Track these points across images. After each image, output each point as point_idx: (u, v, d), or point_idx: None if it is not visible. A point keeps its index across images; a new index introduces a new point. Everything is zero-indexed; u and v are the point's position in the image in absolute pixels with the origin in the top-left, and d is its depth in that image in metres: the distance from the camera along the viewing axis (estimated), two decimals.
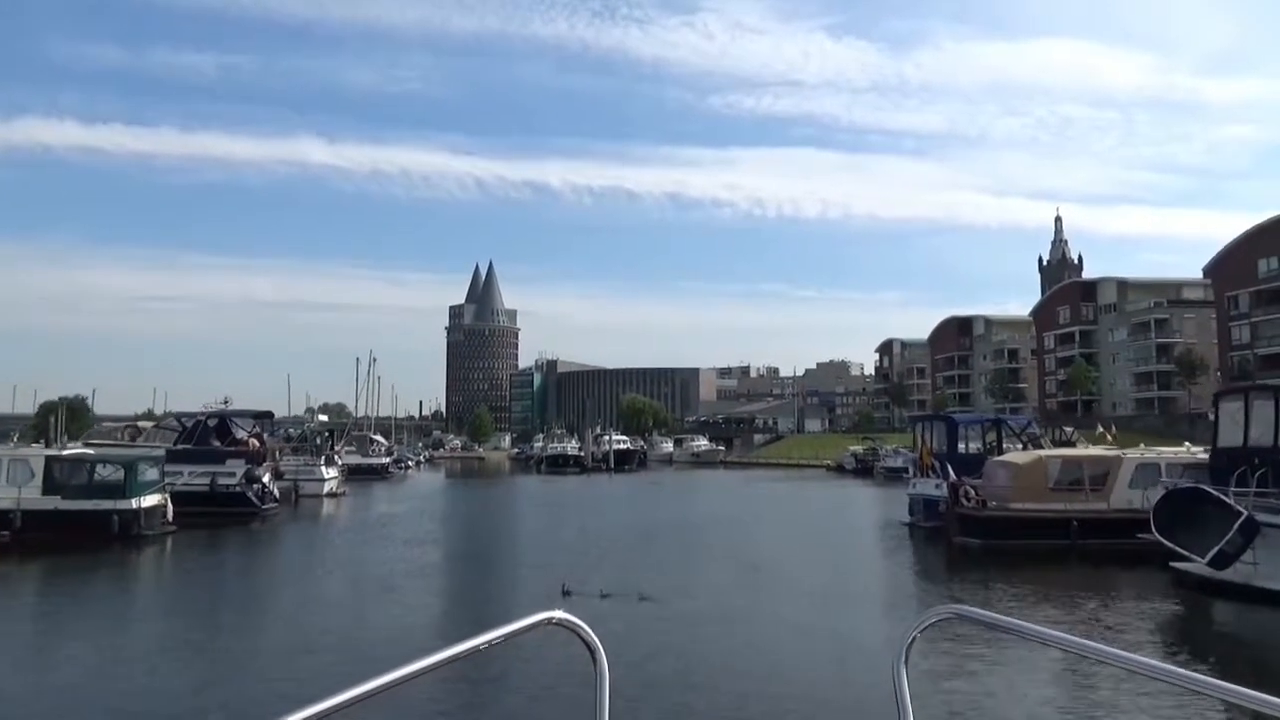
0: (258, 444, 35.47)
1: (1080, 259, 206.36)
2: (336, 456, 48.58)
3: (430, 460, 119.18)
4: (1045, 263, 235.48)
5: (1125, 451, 24.33)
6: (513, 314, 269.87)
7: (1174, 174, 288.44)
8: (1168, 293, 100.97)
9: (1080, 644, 1.88)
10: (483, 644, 1.82)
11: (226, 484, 33.41)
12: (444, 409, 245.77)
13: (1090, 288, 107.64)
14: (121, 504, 25.59)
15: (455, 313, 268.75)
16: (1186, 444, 26.14)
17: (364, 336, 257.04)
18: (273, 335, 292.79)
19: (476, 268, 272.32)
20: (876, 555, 24.21)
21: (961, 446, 29.45)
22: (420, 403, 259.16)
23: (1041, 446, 28.02)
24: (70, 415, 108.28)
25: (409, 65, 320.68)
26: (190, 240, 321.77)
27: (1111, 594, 18.14)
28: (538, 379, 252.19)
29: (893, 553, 24.81)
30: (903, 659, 2.10)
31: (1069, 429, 50.44)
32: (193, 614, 15.79)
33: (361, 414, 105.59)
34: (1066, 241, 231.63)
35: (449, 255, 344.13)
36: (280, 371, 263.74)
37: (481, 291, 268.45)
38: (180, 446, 34.60)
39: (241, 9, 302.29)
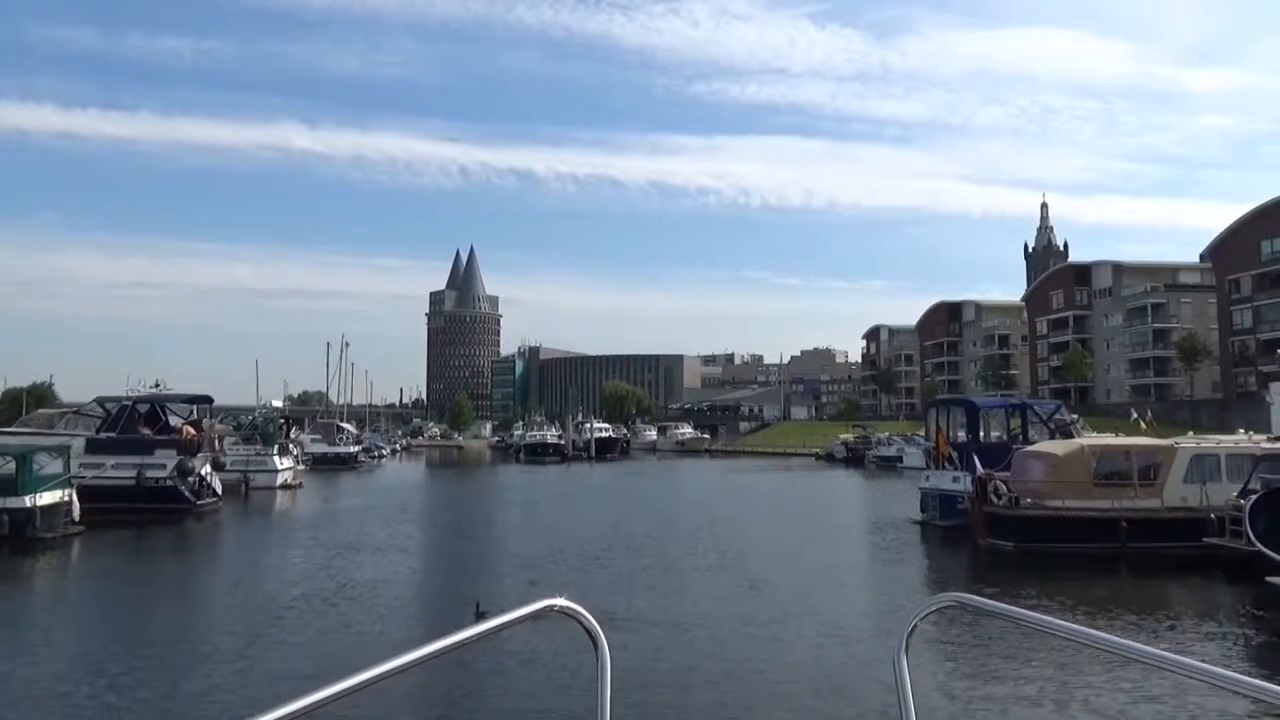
0: (193, 431, 31.70)
1: (1066, 245, 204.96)
2: (291, 445, 44.88)
3: (408, 449, 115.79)
4: (1031, 249, 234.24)
5: (1178, 440, 21.12)
6: (494, 300, 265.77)
7: (1153, 163, 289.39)
8: (1164, 277, 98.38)
9: (1080, 631, 1.83)
10: (486, 631, 1.82)
11: (155, 476, 29.74)
12: (425, 397, 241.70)
13: (1084, 272, 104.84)
14: (13, 501, 21.95)
15: (436, 299, 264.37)
16: (1244, 430, 23.04)
17: (346, 323, 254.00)
18: (253, 322, 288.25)
19: (457, 253, 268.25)
20: (890, 562, 20.84)
21: (981, 434, 26.17)
22: (401, 390, 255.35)
23: (1072, 435, 24.80)
24: (36, 402, 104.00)
25: (392, 51, 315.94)
26: (169, 226, 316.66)
27: (1194, 614, 14.94)
28: (520, 366, 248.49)
29: (908, 558, 21.48)
30: (903, 647, 2.09)
31: (1073, 415, 47.41)
32: (49, 647, 12.28)
33: (342, 401, 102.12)
34: (1052, 228, 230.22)
35: (433, 242, 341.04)
36: (259, 358, 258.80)
37: (463, 277, 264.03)
38: (103, 435, 30.80)
39: None
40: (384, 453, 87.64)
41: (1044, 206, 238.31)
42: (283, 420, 45.82)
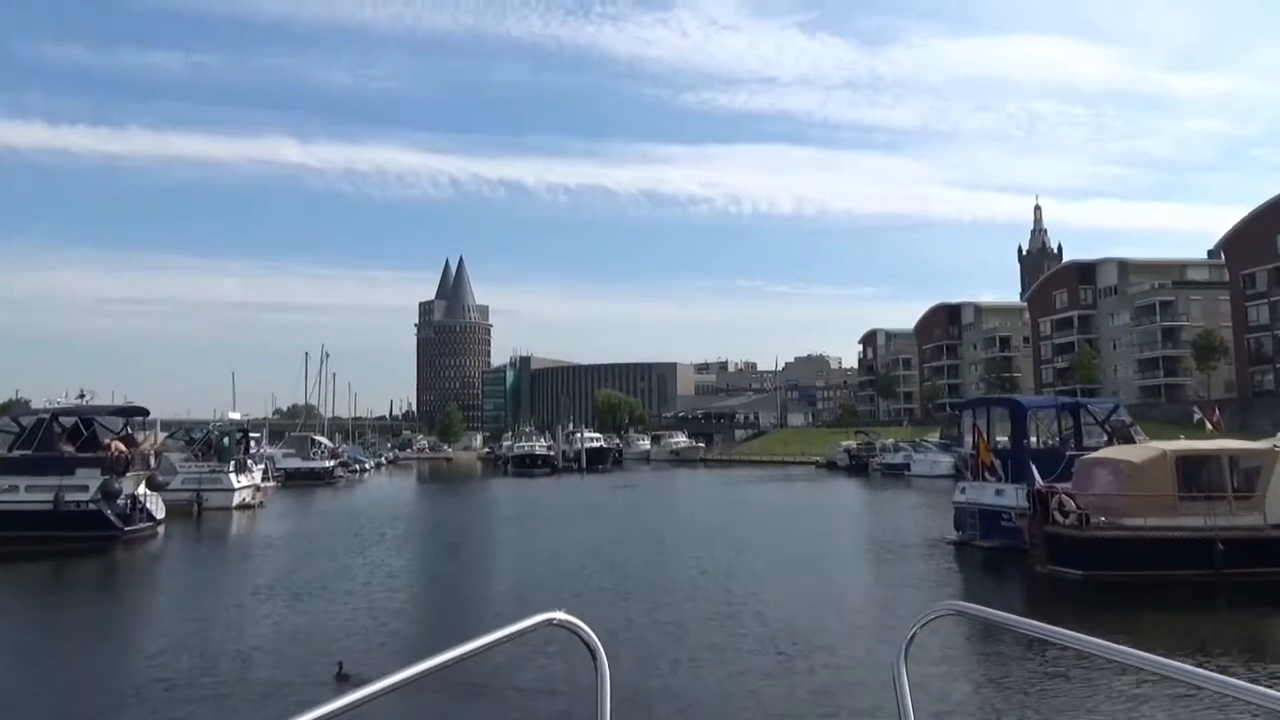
0: (123, 447, 27.91)
1: (1060, 248, 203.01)
2: (252, 461, 41.09)
3: (395, 461, 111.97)
4: (1025, 252, 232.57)
5: (1276, 442, 17.62)
6: (484, 310, 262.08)
7: (1143, 168, 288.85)
8: (1171, 274, 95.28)
9: (1082, 639, 1.83)
10: (484, 646, 1.81)
11: (76, 500, 26.02)
12: (415, 408, 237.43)
13: (1089, 270, 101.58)
14: None
15: (425, 309, 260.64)
16: None
17: (337, 336, 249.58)
18: (242, 336, 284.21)
19: (446, 263, 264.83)
20: (932, 596, 17.16)
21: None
22: (391, 402, 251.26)
23: (1131, 439, 21.24)
24: None
25: (382, 63, 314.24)
26: (159, 241, 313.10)
27: None
28: (511, 376, 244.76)
29: (951, 590, 17.75)
30: (903, 656, 2.09)
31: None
32: None
33: (331, 414, 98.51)
34: (1046, 230, 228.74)
35: (425, 254, 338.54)
36: (249, 373, 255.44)
37: (452, 287, 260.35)
38: (16, 453, 27.01)
39: (209, 7, 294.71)
40: (366, 467, 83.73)
41: (1037, 209, 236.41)
42: (240, 434, 41.99)
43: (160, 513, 30.23)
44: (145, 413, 30.28)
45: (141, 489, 28.71)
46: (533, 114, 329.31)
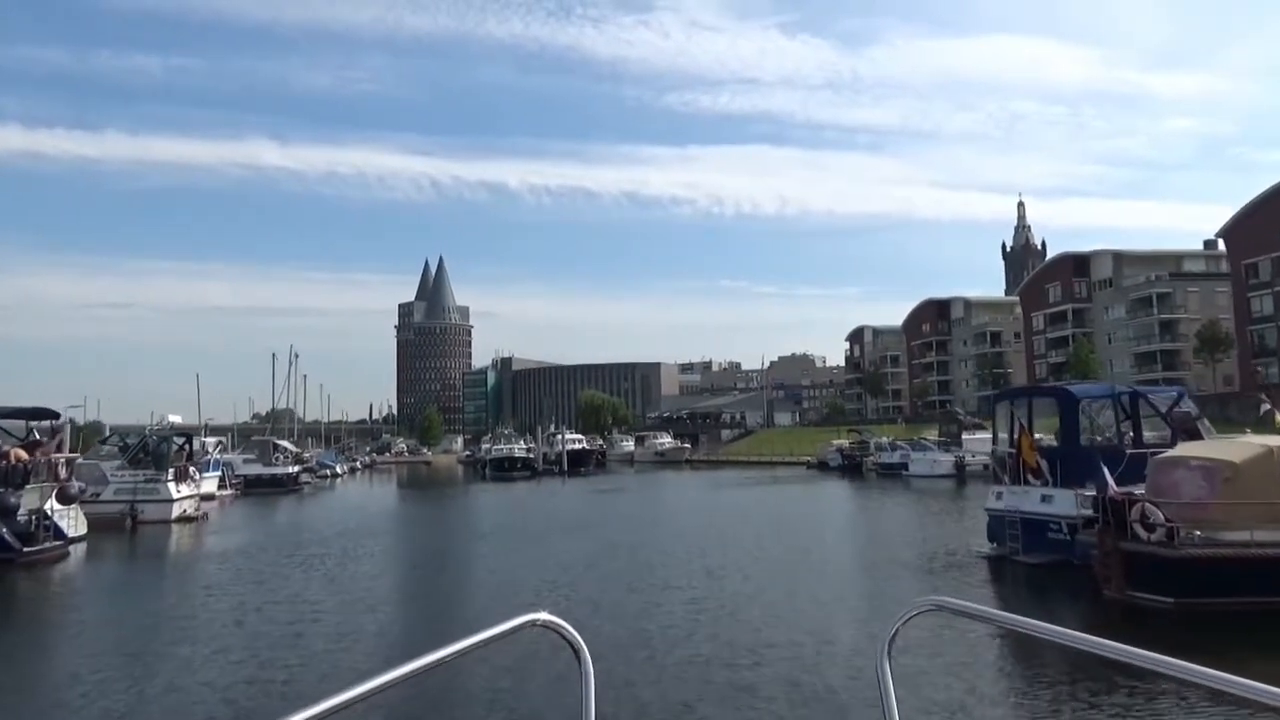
0: (24, 455, 24.24)
1: (1044, 244, 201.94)
2: (193, 468, 37.39)
3: (372, 466, 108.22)
4: (1009, 249, 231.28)
5: None
6: (465, 311, 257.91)
7: (1122, 166, 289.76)
8: (1167, 265, 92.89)
9: (1066, 634, 1.82)
10: (467, 648, 1.81)
11: None
12: (395, 411, 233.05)
13: (1083, 262, 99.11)
14: None
15: (405, 311, 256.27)
16: None
17: (319, 339, 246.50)
18: (223, 340, 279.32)
19: (426, 264, 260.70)
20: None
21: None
22: (371, 405, 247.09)
23: (1199, 434, 18.00)
24: None
25: (362, 65, 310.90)
26: (140, 245, 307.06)
27: None
28: (492, 378, 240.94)
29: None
30: (886, 652, 2.10)
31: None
32: None
33: (312, 418, 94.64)
34: (1029, 227, 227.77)
35: (406, 256, 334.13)
36: (226, 377, 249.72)
37: (431, 289, 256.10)
38: None
39: (188, 9, 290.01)
40: (337, 472, 79.92)
41: (1020, 205, 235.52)
42: (182, 438, 38.23)
43: (78, 529, 26.67)
44: (55, 415, 26.55)
45: (51, 503, 25.10)
46: (514, 116, 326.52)
